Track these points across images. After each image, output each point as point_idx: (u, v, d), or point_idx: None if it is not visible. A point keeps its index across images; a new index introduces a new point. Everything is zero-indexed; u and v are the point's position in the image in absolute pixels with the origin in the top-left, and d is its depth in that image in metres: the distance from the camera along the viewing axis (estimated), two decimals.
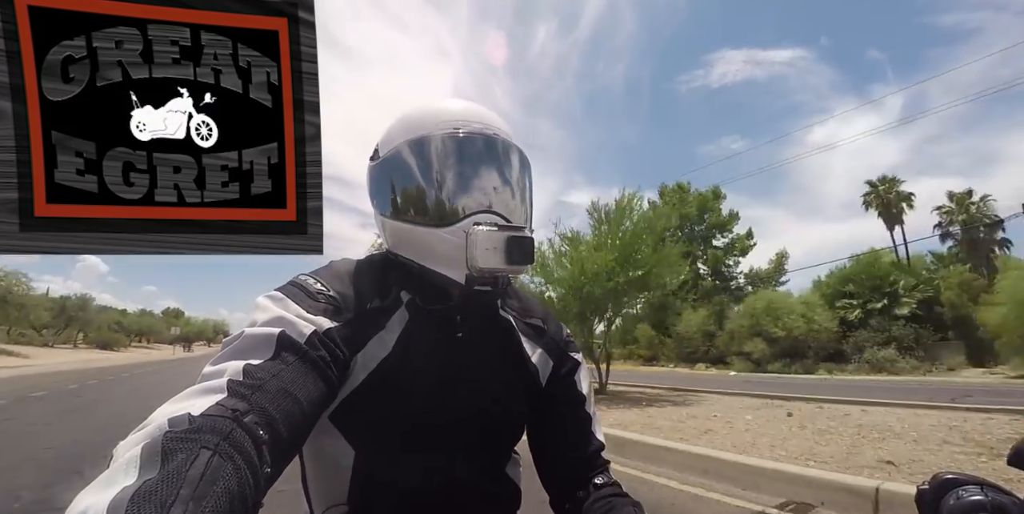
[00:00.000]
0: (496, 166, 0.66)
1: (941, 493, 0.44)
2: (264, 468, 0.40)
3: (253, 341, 0.52)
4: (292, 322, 0.54)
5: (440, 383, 0.64)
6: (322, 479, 0.64)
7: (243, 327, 0.55)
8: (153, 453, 0.35)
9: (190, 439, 0.37)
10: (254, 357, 0.49)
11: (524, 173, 0.69)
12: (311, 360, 0.52)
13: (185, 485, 0.33)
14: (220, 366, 0.48)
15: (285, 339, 0.52)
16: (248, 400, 0.44)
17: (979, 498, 0.42)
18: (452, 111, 0.67)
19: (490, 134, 0.66)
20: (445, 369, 0.65)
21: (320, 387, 0.52)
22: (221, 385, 0.44)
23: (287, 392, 0.47)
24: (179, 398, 0.43)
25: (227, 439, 0.38)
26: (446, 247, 0.62)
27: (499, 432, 0.70)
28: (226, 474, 0.36)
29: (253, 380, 0.46)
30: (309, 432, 0.52)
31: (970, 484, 0.44)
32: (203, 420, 0.39)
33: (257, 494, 0.39)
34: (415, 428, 0.63)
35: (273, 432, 0.43)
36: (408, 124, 0.68)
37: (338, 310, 0.59)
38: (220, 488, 0.34)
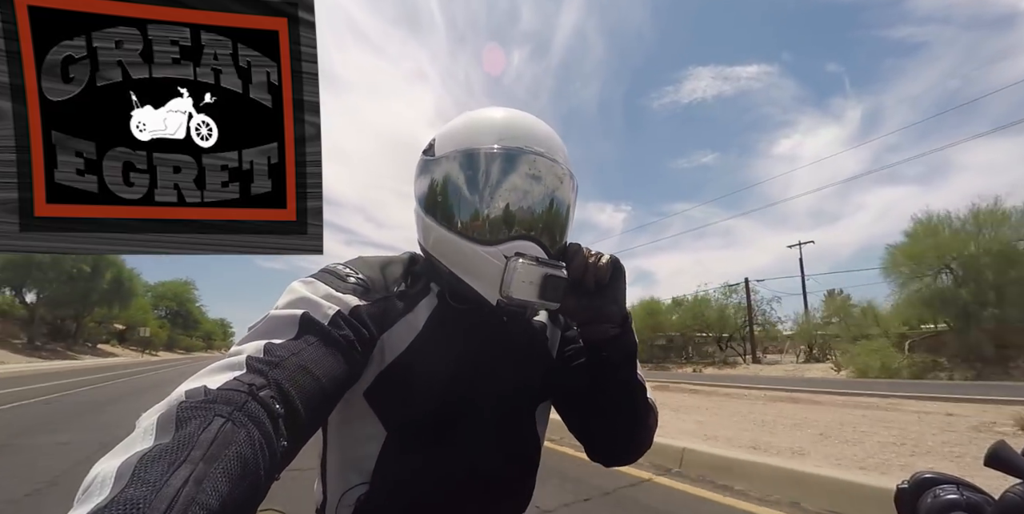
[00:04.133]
0: (546, 192, 0.65)
1: (919, 492, 0.46)
2: (280, 441, 0.41)
3: (276, 322, 0.53)
4: (317, 303, 0.56)
5: (467, 370, 0.65)
6: (346, 459, 0.65)
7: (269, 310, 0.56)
8: (168, 421, 0.36)
9: (204, 408, 0.38)
10: (276, 337, 0.51)
11: (571, 201, 0.69)
12: (334, 340, 0.53)
13: (196, 447, 0.34)
14: (242, 346, 0.49)
15: (308, 320, 0.53)
16: (265, 376, 0.45)
17: (954, 497, 0.44)
18: (516, 128, 0.67)
19: (548, 158, 0.65)
20: (472, 356, 0.66)
21: (343, 366, 0.53)
22: (240, 362, 0.46)
23: (306, 369, 0.48)
24: (199, 375, 0.44)
25: (241, 410, 0.39)
26: (483, 266, 0.62)
27: (521, 417, 0.72)
28: (239, 440, 0.36)
29: (272, 357, 0.47)
30: (329, 410, 0.53)
31: (946, 483, 0.46)
32: (219, 392, 0.40)
33: (272, 465, 0.40)
34: (444, 409, 0.64)
35: (289, 407, 0.44)
36: (470, 129, 0.67)
37: (367, 290, 0.62)
38: (232, 452, 0.35)
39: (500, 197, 0.64)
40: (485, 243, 0.63)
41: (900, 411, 7.45)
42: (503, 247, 0.61)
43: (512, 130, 0.66)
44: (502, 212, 0.63)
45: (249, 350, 0.48)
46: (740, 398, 9.97)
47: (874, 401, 8.87)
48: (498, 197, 0.64)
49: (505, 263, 0.60)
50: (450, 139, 0.68)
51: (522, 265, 0.59)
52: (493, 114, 0.69)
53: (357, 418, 0.63)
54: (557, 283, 0.60)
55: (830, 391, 10.73)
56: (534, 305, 0.62)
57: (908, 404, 8.30)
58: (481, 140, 0.65)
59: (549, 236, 0.65)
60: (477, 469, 0.65)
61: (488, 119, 0.68)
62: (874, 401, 8.87)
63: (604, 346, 0.66)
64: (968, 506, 0.43)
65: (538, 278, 0.60)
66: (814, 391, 10.87)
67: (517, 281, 0.59)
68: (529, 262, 0.60)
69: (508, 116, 0.69)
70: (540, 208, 0.65)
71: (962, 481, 0.46)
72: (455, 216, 0.65)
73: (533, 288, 0.59)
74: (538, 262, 0.61)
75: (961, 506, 0.43)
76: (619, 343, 0.66)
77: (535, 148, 0.65)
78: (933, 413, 7.05)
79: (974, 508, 0.43)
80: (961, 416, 6.69)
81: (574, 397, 0.74)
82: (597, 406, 0.70)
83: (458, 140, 0.67)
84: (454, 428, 0.65)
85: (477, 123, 0.68)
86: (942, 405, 7.92)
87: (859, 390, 10.79)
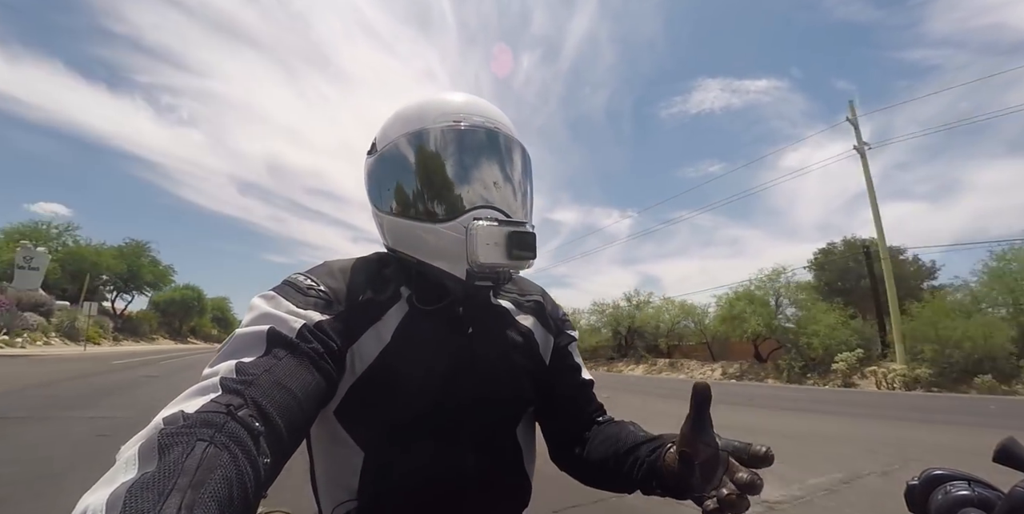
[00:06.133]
0: (496, 160, 0.65)
1: (930, 488, 0.46)
2: (263, 459, 0.41)
3: (244, 340, 0.52)
4: (282, 318, 0.54)
5: (444, 374, 0.64)
6: (331, 476, 0.64)
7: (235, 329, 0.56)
8: (150, 449, 0.36)
9: (185, 433, 0.37)
10: (246, 356, 0.50)
11: (525, 168, 0.69)
12: (303, 353, 0.52)
13: (183, 474, 0.33)
14: (214, 368, 0.48)
15: (275, 335, 0.52)
16: (241, 395, 0.44)
17: (965, 493, 0.43)
18: (452, 103, 0.66)
19: (491, 127, 0.66)
20: (448, 360, 0.64)
21: (316, 379, 0.52)
22: (215, 384, 0.45)
23: (281, 385, 0.47)
24: (175, 401, 0.44)
25: (221, 431, 0.39)
26: (445, 242, 0.61)
27: (507, 421, 0.70)
28: (223, 463, 0.36)
29: (245, 376, 0.46)
30: (309, 424, 0.52)
31: (958, 479, 0.45)
32: (197, 416, 0.40)
33: (258, 484, 0.39)
34: (421, 420, 0.62)
35: (269, 424, 0.44)
36: (406, 117, 0.67)
37: (329, 303, 0.59)
38: (218, 475, 0.35)
39: (448, 173, 0.63)
40: (444, 221, 0.62)
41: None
42: (461, 219, 0.61)
43: (448, 106, 0.66)
44: (452, 187, 0.63)
45: (222, 371, 0.47)
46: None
47: None
48: (446, 173, 0.63)
49: (465, 233, 0.59)
50: (388, 132, 0.68)
51: (482, 228, 0.59)
52: (426, 97, 0.69)
53: (333, 437, 0.62)
54: (524, 239, 0.60)
55: None
56: (505, 266, 0.61)
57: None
58: (418, 122, 0.65)
59: (506, 203, 0.64)
60: (463, 478, 0.64)
61: (420, 102, 0.68)
62: None
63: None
64: (979, 502, 0.43)
65: (502, 238, 0.59)
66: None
67: (481, 244, 0.58)
68: (489, 223, 0.59)
69: (441, 95, 0.69)
70: (491, 177, 0.64)
71: (973, 477, 0.46)
72: (409, 203, 0.65)
73: (499, 249, 0.59)
74: (499, 223, 0.60)
75: (972, 502, 0.43)
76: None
77: (474, 118, 0.65)
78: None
79: (985, 504, 0.43)
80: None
81: (560, 407, 0.75)
82: (600, 468, 0.67)
83: (396, 129, 0.67)
84: (436, 435, 0.63)
85: (410, 109, 0.68)
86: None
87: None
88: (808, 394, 12.69)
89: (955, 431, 6.12)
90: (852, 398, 11.58)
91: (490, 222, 0.60)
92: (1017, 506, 0.40)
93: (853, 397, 11.93)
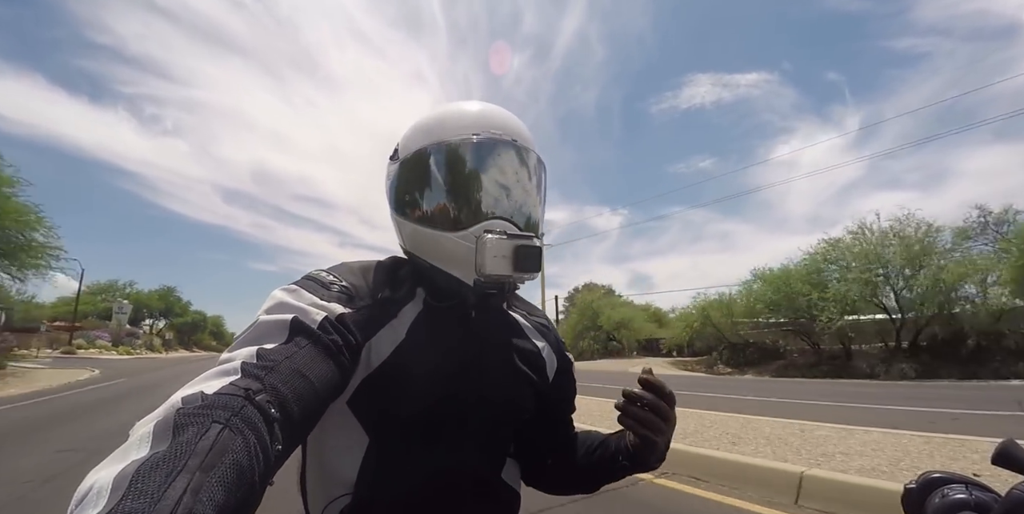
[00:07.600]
0: (511, 173, 0.67)
1: (927, 492, 0.46)
2: (275, 445, 0.41)
3: (267, 327, 0.53)
4: (305, 309, 0.55)
5: (452, 372, 0.65)
6: (328, 470, 0.64)
7: (257, 316, 0.56)
8: (165, 427, 0.36)
9: (201, 414, 0.38)
10: (268, 342, 0.50)
11: (539, 180, 0.70)
12: (324, 344, 0.53)
13: (193, 456, 0.33)
14: (235, 352, 0.49)
15: (298, 324, 0.53)
16: (261, 380, 0.44)
17: (963, 496, 0.43)
18: (469, 115, 0.68)
19: (507, 140, 0.67)
20: (457, 359, 0.66)
21: (333, 370, 0.53)
22: (235, 367, 0.45)
23: (300, 373, 0.48)
24: (194, 382, 0.44)
25: (238, 415, 0.39)
26: (457, 251, 0.63)
27: (507, 425, 0.71)
28: (235, 447, 0.36)
29: (266, 362, 0.47)
30: (321, 414, 0.52)
31: (955, 482, 0.45)
32: (216, 397, 0.40)
33: (267, 470, 0.39)
34: (427, 416, 0.63)
35: (285, 411, 0.44)
36: (427, 128, 0.69)
37: (351, 298, 0.61)
38: (229, 460, 0.35)
39: (463, 185, 0.65)
40: (457, 230, 0.64)
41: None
42: (473, 229, 0.63)
43: (467, 118, 0.68)
44: (467, 198, 0.65)
45: (242, 356, 0.47)
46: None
47: None
48: (462, 184, 0.65)
49: (476, 243, 0.61)
50: (411, 141, 0.70)
51: (491, 240, 0.61)
52: (446, 108, 0.70)
53: (339, 428, 0.63)
54: (530, 253, 0.62)
55: None
56: (511, 278, 0.63)
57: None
58: (438, 133, 0.67)
59: (519, 214, 0.66)
60: (463, 473, 0.64)
61: (441, 113, 0.70)
62: None
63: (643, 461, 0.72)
64: (977, 505, 0.43)
65: (509, 251, 0.61)
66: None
67: (489, 257, 0.61)
68: (499, 237, 0.61)
69: (461, 106, 0.70)
70: (505, 189, 0.66)
71: (971, 480, 0.46)
72: (425, 211, 0.67)
73: (506, 262, 0.61)
74: (508, 236, 0.62)
75: (970, 505, 0.43)
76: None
77: (492, 131, 0.67)
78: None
79: (982, 507, 0.42)
80: None
81: (547, 426, 0.78)
82: (576, 467, 0.77)
83: (417, 139, 0.69)
84: (439, 433, 0.64)
85: (432, 119, 0.69)
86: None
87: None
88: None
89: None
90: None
91: (499, 235, 0.62)
92: (1014, 509, 0.40)
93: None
